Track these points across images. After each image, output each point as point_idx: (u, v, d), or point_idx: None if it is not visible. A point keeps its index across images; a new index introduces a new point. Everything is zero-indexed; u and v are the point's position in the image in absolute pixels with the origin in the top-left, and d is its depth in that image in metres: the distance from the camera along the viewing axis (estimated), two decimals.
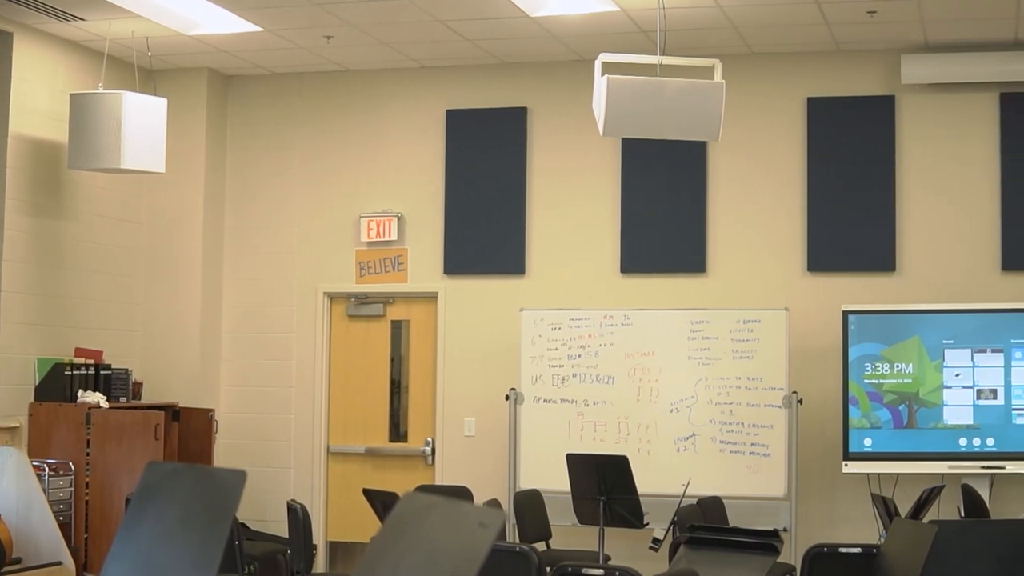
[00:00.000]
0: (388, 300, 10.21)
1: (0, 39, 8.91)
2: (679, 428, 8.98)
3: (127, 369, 9.60)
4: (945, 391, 8.75)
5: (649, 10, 8.11)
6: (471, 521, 2.43)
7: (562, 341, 9.21)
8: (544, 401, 9.21)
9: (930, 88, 9.24)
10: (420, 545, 2.45)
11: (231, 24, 8.98)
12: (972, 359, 8.73)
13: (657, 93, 7.08)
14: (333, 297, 10.29)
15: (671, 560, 6.28)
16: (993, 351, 8.71)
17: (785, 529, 8.66)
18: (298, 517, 7.39)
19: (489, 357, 9.77)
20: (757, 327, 8.90)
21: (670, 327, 9.06)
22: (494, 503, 7.85)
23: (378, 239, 10.12)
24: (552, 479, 8.62)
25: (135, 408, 9.30)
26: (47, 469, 8.61)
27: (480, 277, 9.92)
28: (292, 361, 10.26)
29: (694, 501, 7.94)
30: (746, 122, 9.40)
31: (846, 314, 8.90)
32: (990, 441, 8.69)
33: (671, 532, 7.38)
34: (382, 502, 7.26)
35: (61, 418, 8.95)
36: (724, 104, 7.16)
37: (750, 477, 8.84)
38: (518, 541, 8.06)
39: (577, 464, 7.86)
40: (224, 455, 10.04)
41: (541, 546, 8.34)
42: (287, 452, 10.22)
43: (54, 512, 8.09)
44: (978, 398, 8.71)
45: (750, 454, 8.85)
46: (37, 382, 9.07)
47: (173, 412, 9.64)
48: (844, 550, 6.26)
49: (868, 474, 8.84)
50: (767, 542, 5.66)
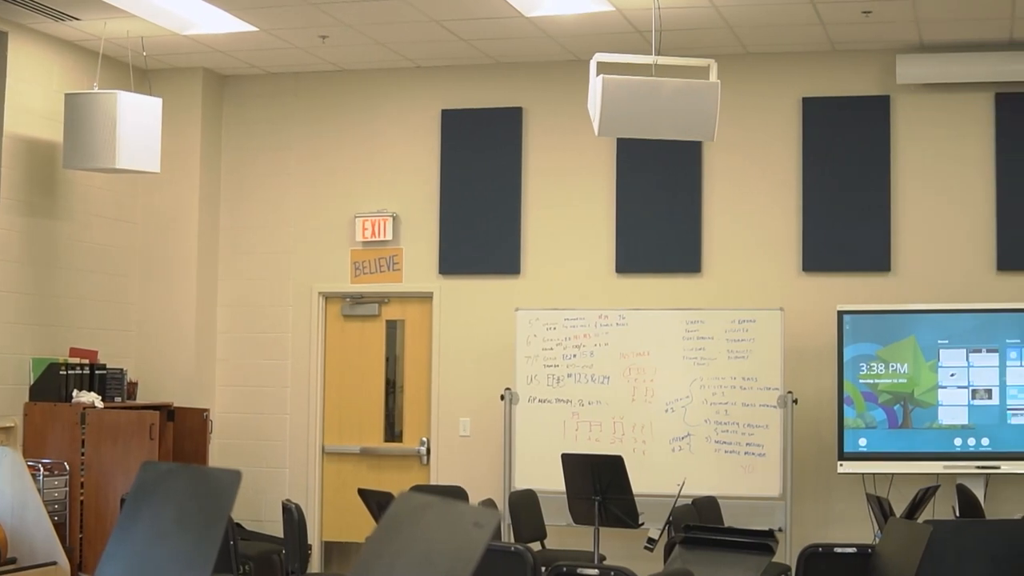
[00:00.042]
0: (383, 300, 10.21)
1: None
2: (674, 428, 8.98)
3: (122, 369, 9.59)
4: (940, 391, 8.76)
5: (644, 10, 8.11)
6: (466, 521, 2.43)
7: (557, 341, 9.21)
8: (539, 401, 9.21)
9: (925, 88, 9.24)
10: (415, 545, 2.45)
11: (226, 24, 8.97)
12: (967, 359, 8.74)
13: (652, 93, 7.08)
14: (328, 297, 10.29)
15: (666, 560, 6.28)
16: (988, 351, 8.72)
17: (780, 529, 8.66)
18: (293, 517, 7.38)
19: (484, 357, 9.77)
20: (752, 327, 8.91)
21: (665, 327, 9.06)
22: (489, 503, 7.85)
23: (373, 239, 10.12)
24: (547, 479, 8.63)
25: (130, 408, 9.28)
26: (42, 469, 8.60)
27: (475, 277, 9.92)
28: (287, 361, 10.25)
29: (689, 501, 7.95)
30: (741, 122, 9.41)
31: (841, 314, 8.90)
32: (985, 441, 8.69)
33: (666, 532, 7.38)
34: (377, 502, 7.26)
35: (56, 418, 8.94)
36: (719, 104, 7.17)
37: (745, 477, 8.84)
38: (513, 541, 8.05)
39: (572, 464, 7.87)
40: (219, 455, 10.05)
41: (536, 546, 8.34)
42: (282, 452, 10.22)
43: (49, 512, 8.07)
44: (973, 398, 8.72)
45: (745, 454, 8.85)
46: (32, 382, 9.06)
47: (168, 412, 9.62)
48: (839, 550, 6.26)
49: (863, 474, 8.84)
50: (762, 542, 5.65)
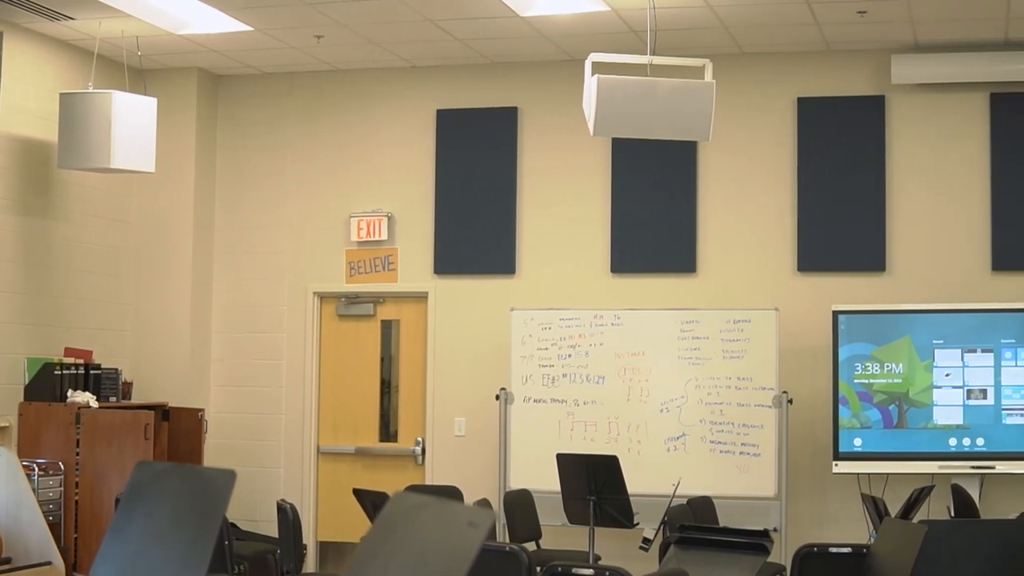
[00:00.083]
0: (378, 300, 10.20)
1: None
2: (669, 428, 8.98)
3: (117, 369, 9.58)
4: (935, 391, 8.76)
5: (639, 10, 8.11)
6: (461, 521, 2.43)
7: (552, 341, 9.21)
8: (534, 401, 9.20)
9: (920, 88, 9.25)
10: (410, 545, 2.45)
11: (221, 24, 8.96)
12: (962, 359, 8.74)
13: (647, 93, 7.08)
14: (323, 297, 10.28)
15: (661, 560, 6.28)
16: (983, 351, 8.73)
17: (775, 529, 8.66)
18: (288, 517, 7.37)
19: (479, 357, 9.76)
20: (747, 327, 8.91)
21: (660, 327, 9.06)
22: (484, 503, 7.85)
23: (368, 239, 10.11)
24: (542, 479, 8.62)
25: (125, 408, 9.28)
26: (37, 469, 8.58)
27: (470, 277, 9.92)
28: (282, 361, 10.24)
29: (684, 501, 7.95)
30: (736, 122, 9.41)
31: (836, 314, 8.90)
32: (980, 441, 8.70)
33: (661, 532, 7.37)
34: (372, 502, 7.25)
35: (51, 418, 8.93)
36: (714, 104, 7.17)
37: (740, 477, 8.84)
38: (508, 541, 8.06)
39: (567, 464, 7.86)
40: (214, 455, 10.03)
41: (531, 546, 8.34)
42: (277, 452, 10.21)
43: (44, 512, 8.05)
44: (968, 398, 8.72)
45: (740, 454, 8.85)
46: (27, 382, 9.05)
47: (163, 412, 9.61)
48: (834, 550, 6.27)
49: (858, 474, 8.85)
50: (757, 542, 5.65)
